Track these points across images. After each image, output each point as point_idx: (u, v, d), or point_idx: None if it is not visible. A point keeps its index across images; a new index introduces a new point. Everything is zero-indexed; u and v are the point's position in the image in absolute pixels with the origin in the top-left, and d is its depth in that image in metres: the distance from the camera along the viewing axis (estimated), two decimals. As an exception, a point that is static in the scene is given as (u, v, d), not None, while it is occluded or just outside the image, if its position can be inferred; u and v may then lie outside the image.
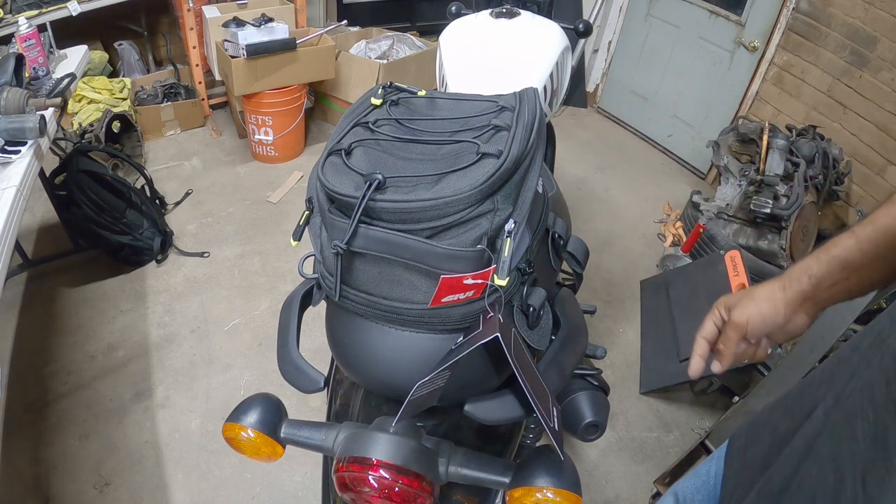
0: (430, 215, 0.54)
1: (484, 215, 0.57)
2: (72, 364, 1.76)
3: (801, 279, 0.61)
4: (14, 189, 1.18)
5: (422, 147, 0.63)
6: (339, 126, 0.67)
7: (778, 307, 0.62)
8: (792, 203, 1.98)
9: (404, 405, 0.54)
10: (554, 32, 1.29)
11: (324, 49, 2.63)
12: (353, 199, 0.55)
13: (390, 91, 0.72)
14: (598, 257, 2.31)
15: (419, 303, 0.59)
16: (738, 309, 0.64)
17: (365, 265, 0.59)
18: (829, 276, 0.60)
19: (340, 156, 0.60)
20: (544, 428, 0.54)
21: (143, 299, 2.01)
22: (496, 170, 0.55)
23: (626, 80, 3.34)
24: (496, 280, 0.56)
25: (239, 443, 0.67)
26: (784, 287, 0.62)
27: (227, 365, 1.79)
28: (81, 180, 1.91)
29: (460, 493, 0.75)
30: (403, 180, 0.56)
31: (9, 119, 1.26)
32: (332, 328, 0.70)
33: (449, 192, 0.54)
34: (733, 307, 0.64)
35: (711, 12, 2.75)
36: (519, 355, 0.56)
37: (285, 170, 2.75)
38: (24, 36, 1.53)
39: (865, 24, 2.14)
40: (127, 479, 1.47)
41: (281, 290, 2.08)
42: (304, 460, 1.51)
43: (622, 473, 1.58)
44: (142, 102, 2.84)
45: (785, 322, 0.62)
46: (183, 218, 2.40)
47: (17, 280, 2.02)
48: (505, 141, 0.58)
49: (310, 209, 0.64)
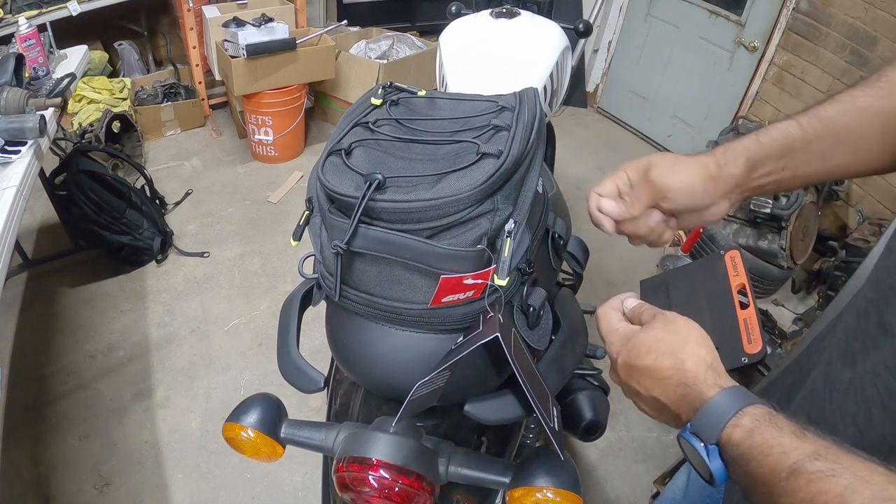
0: (429, 215, 0.54)
1: (484, 215, 0.57)
2: (72, 364, 1.76)
3: (737, 160, 0.55)
4: (14, 189, 1.18)
5: (422, 147, 0.63)
6: (339, 126, 0.67)
7: (708, 185, 0.55)
8: (792, 203, 1.98)
9: (404, 405, 0.54)
10: (554, 32, 1.29)
11: (324, 49, 2.63)
12: (352, 199, 0.54)
13: (390, 91, 0.72)
14: (598, 257, 2.31)
15: (419, 303, 0.59)
16: (661, 171, 0.57)
17: (365, 265, 0.59)
18: (765, 161, 0.54)
19: (340, 156, 0.60)
20: (544, 428, 0.54)
21: (143, 299, 2.01)
22: (496, 170, 0.55)
23: (626, 80, 3.34)
24: (496, 280, 0.56)
25: (239, 443, 0.67)
26: (719, 165, 0.55)
27: (227, 365, 1.79)
28: (81, 180, 1.91)
29: (460, 493, 0.75)
30: (403, 180, 0.56)
31: (9, 119, 1.26)
32: (332, 328, 0.70)
33: (449, 192, 0.54)
34: (654, 168, 0.57)
35: (711, 12, 2.75)
36: (519, 355, 0.56)
37: (285, 170, 2.75)
38: (24, 36, 1.53)
39: (865, 24, 2.14)
40: (127, 479, 1.47)
41: (281, 290, 2.08)
42: (304, 460, 1.51)
43: (622, 473, 1.58)
44: (142, 102, 2.84)
45: (709, 206, 0.57)
46: (183, 218, 2.40)
47: (17, 280, 2.02)
48: (505, 141, 0.58)
49: (310, 209, 0.64)
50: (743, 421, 0.40)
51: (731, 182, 0.55)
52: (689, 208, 0.58)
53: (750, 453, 0.38)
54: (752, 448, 0.38)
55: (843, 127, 0.52)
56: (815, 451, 0.36)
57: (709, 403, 0.42)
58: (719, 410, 0.41)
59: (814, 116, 0.54)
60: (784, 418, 0.39)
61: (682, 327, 0.48)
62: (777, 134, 0.54)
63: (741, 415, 0.40)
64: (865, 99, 0.52)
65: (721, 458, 0.41)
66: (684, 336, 0.47)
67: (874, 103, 0.52)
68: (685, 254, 2.20)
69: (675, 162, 0.57)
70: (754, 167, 0.55)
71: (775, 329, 1.91)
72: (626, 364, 0.49)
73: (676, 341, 0.46)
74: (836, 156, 0.53)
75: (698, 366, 0.44)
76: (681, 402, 0.44)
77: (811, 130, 0.53)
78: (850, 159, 0.54)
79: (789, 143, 0.53)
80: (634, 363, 0.48)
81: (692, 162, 0.56)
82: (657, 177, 0.57)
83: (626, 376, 0.50)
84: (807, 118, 0.54)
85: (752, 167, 0.55)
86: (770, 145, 0.54)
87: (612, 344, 0.52)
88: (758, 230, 2.10)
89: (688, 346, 0.46)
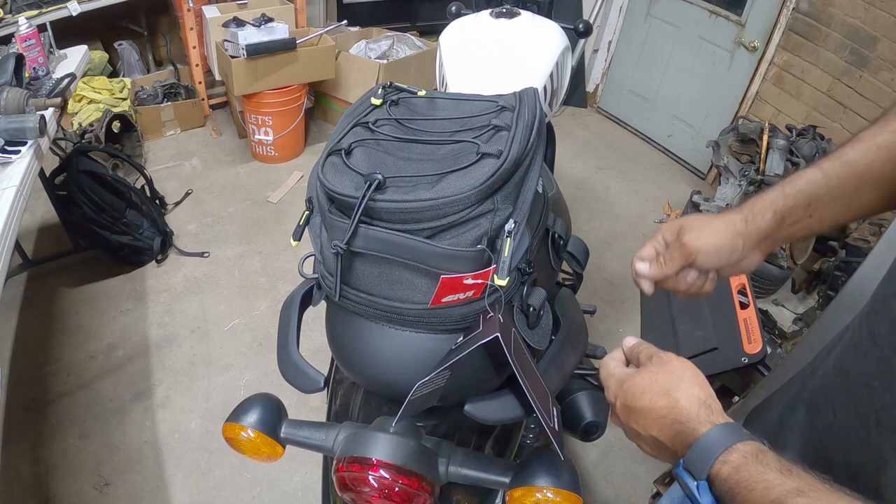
0: (429, 215, 0.54)
1: (484, 215, 0.57)
2: (72, 364, 1.76)
3: (765, 214, 0.56)
4: (14, 189, 1.18)
5: (422, 147, 0.63)
6: (339, 126, 0.67)
7: (736, 242, 0.57)
8: (792, 203, 1.98)
9: (404, 405, 0.55)
10: (554, 32, 1.29)
11: (324, 49, 2.63)
12: (352, 199, 0.54)
13: (390, 91, 0.72)
14: (599, 257, 2.31)
15: (419, 302, 0.59)
16: (693, 234, 0.59)
17: (365, 265, 0.59)
18: (793, 211, 0.55)
19: (340, 156, 0.60)
20: (544, 428, 0.54)
21: (143, 299, 2.01)
22: (496, 170, 0.55)
23: (626, 80, 3.34)
24: (496, 280, 0.56)
25: (239, 443, 0.67)
26: (746, 221, 0.57)
27: (227, 365, 1.79)
28: (81, 180, 1.91)
29: (460, 493, 0.75)
30: (403, 180, 0.56)
31: (9, 119, 1.26)
32: (332, 328, 0.70)
33: (449, 192, 0.54)
34: (686, 231, 0.59)
35: (711, 12, 2.75)
36: (519, 355, 0.56)
37: (285, 170, 2.75)
38: (24, 36, 1.53)
39: (865, 24, 2.14)
40: (127, 479, 1.47)
41: (281, 290, 2.08)
42: (304, 460, 1.51)
43: (622, 473, 1.58)
44: (142, 102, 2.84)
45: (741, 259, 0.58)
46: (183, 218, 2.40)
47: (17, 280, 2.02)
48: (505, 141, 0.58)
49: (310, 209, 0.64)
50: (731, 457, 0.41)
51: (759, 235, 0.57)
52: (721, 265, 0.59)
53: (736, 488, 0.39)
54: (738, 483, 0.39)
55: (865, 168, 0.53)
56: (797, 488, 0.36)
57: (700, 440, 0.43)
58: (710, 447, 0.42)
59: (836, 161, 0.54)
60: (772, 455, 0.40)
61: (677, 368, 0.49)
62: (802, 183, 0.55)
63: (730, 451, 0.41)
64: (885, 136, 0.53)
65: (711, 493, 0.42)
66: (678, 376, 0.48)
67: (894, 139, 0.52)
68: (685, 254, 2.20)
69: (706, 223, 0.59)
70: (783, 219, 0.56)
71: (775, 329, 1.91)
72: (623, 406, 0.51)
73: (671, 381, 0.48)
74: (861, 197, 0.54)
75: (692, 403, 0.46)
76: (676, 439, 0.46)
77: (834, 175, 0.54)
78: (874, 198, 0.54)
79: (814, 190, 0.54)
80: (631, 404, 0.49)
81: (720, 222, 0.58)
82: (688, 240, 0.59)
83: (625, 418, 0.51)
84: (830, 163, 0.55)
85: (781, 219, 0.56)
86: (796, 196, 0.55)
87: (610, 389, 0.54)
88: (758, 230, 2.10)
89: (682, 385, 0.47)
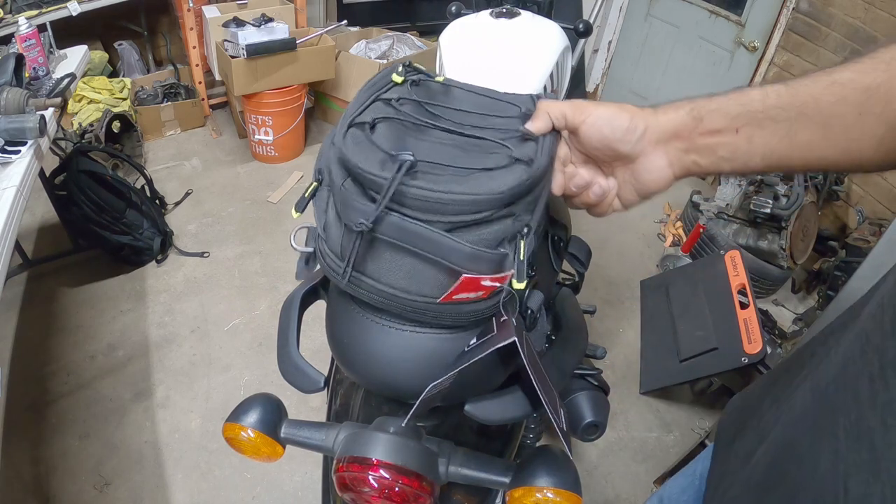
0: (454, 209, 0.51)
1: (504, 219, 0.55)
2: (72, 364, 1.76)
3: (679, 109, 0.49)
4: (14, 189, 1.18)
5: (445, 135, 0.60)
6: (358, 98, 0.63)
7: (636, 123, 0.50)
8: (792, 203, 1.98)
9: (416, 404, 0.54)
10: (554, 33, 1.29)
11: (324, 49, 2.63)
12: (377, 178, 0.51)
13: (410, 70, 0.69)
14: (598, 257, 2.30)
15: (427, 296, 0.57)
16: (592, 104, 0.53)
17: (376, 250, 0.56)
18: (714, 116, 0.48)
19: (364, 129, 0.57)
20: (556, 430, 0.54)
21: (143, 299, 2.01)
22: (528, 177, 0.53)
23: (626, 80, 3.34)
24: (514, 284, 0.55)
25: (239, 443, 0.67)
26: (657, 110, 0.50)
27: (227, 365, 1.79)
28: (81, 180, 1.91)
29: (460, 493, 0.75)
30: (430, 167, 0.53)
31: (9, 119, 1.26)
32: (331, 327, 0.70)
33: (483, 190, 0.51)
34: None
35: (711, 12, 2.75)
36: (531, 359, 0.55)
37: (285, 170, 2.76)
38: (24, 36, 1.53)
39: (865, 24, 2.14)
40: (127, 479, 1.47)
41: (281, 290, 2.08)
42: (304, 460, 1.51)
43: (622, 473, 1.58)
44: (142, 102, 2.84)
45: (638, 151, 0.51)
46: (183, 218, 2.40)
47: (17, 280, 2.02)
48: (534, 150, 0.57)
49: (318, 181, 0.60)
50: None
51: (668, 130, 0.50)
52: (612, 142, 0.52)
53: None
54: None
55: (811, 98, 0.46)
56: None
57: None
58: None
59: (782, 84, 0.48)
60: None
61: None
62: (735, 93, 0.48)
63: None
64: (845, 73, 0.46)
65: None
66: None
67: (853, 77, 0.45)
68: (685, 254, 2.20)
69: None
70: (700, 119, 0.49)
71: (775, 329, 1.91)
72: None
73: None
74: (801, 130, 0.47)
75: None
76: None
77: (774, 94, 0.47)
78: (817, 138, 0.47)
79: (747, 102, 0.48)
80: None
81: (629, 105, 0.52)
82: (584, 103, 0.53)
83: None
84: (774, 84, 0.48)
85: (698, 119, 0.49)
86: (722, 100, 0.48)
87: None
88: (758, 230, 2.10)
89: None
